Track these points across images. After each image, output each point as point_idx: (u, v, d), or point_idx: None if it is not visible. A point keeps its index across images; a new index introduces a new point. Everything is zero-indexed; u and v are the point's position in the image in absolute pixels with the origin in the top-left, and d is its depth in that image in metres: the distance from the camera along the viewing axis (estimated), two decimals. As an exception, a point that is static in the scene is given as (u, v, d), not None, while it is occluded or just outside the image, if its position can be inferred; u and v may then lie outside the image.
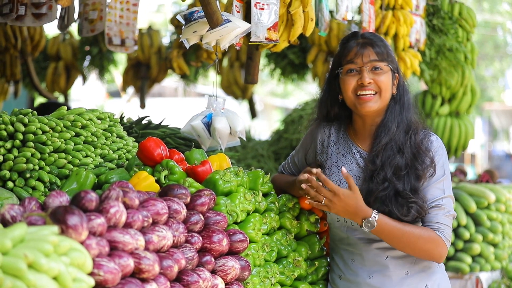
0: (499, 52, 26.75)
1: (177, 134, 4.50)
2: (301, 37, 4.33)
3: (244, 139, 4.12)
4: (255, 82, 4.39)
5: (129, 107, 15.40)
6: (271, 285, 3.17)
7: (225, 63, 9.00)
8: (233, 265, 2.89)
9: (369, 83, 3.22)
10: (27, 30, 7.48)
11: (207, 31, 3.61)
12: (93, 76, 9.28)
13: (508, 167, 25.77)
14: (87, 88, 13.12)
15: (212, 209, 3.02)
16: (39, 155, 3.35)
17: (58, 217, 2.27)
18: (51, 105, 7.32)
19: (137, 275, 2.45)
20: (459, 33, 6.33)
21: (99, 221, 2.38)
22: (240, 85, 8.98)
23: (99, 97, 21.37)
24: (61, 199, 2.51)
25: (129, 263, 2.39)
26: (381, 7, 5.29)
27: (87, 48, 8.39)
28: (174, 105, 22.04)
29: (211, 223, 2.94)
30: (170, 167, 3.23)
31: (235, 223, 3.16)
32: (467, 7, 6.50)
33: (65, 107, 3.71)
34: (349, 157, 3.35)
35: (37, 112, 3.50)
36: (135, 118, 4.78)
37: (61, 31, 5.29)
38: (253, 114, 9.71)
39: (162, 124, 4.71)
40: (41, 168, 3.35)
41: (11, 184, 3.27)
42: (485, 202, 5.97)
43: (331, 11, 5.73)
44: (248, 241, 3.03)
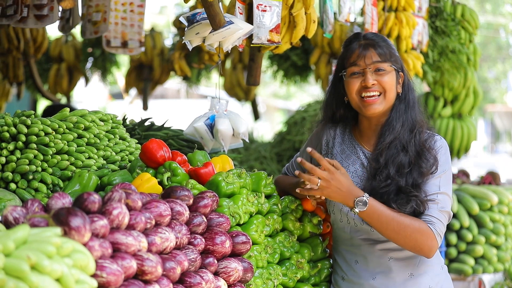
0: (502, 53, 26.75)
1: (179, 135, 4.51)
2: (304, 38, 4.34)
3: (247, 140, 4.12)
4: (258, 83, 4.39)
5: (131, 108, 15.38)
6: (274, 286, 3.17)
7: (228, 65, 9.00)
8: (235, 267, 2.89)
9: (373, 84, 3.22)
10: (30, 31, 7.49)
11: (210, 33, 3.61)
12: (95, 77, 9.28)
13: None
14: (90, 89, 13.14)
15: (214, 211, 3.02)
16: (41, 157, 3.35)
17: (61, 219, 2.27)
18: (58, 107, 7.33)
19: (139, 277, 2.45)
20: (461, 35, 6.33)
21: (102, 223, 2.38)
22: (242, 87, 8.99)
23: (101, 99, 21.36)
24: (63, 201, 2.51)
25: (132, 264, 2.40)
26: (383, 9, 5.29)
27: (90, 49, 8.40)
28: (176, 107, 22.03)
29: (214, 225, 2.94)
30: (172, 169, 3.22)
31: (238, 225, 3.15)
32: (469, 8, 6.50)
33: (68, 109, 3.72)
34: (354, 157, 3.35)
35: (44, 114, 3.51)
36: (137, 119, 4.78)
37: (63, 33, 5.29)
38: (256, 115, 9.71)
39: (164, 125, 4.71)
40: (43, 169, 3.35)
41: (13, 185, 3.27)
42: (488, 204, 5.96)
43: (334, 13, 5.73)
44: (250, 243, 3.03)
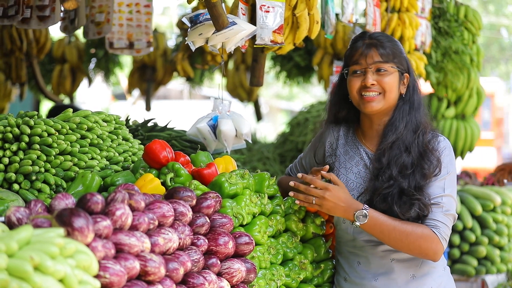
0: (505, 54, 26.72)
1: (182, 136, 4.51)
2: (307, 39, 4.33)
3: (249, 141, 4.12)
4: (261, 84, 4.39)
5: (134, 109, 15.39)
6: (277, 287, 3.17)
7: (231, 65, 9.01)
8: (239, 268, 2.89)
9: (372, 84, 3.21)
10: (33, 32, 7.50)
11: (213, 34, 3.61)
12: (98, 78, 9.29)
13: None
14: (93, 90, 13.15)
15: (218, 212, 3.02)
16: (44, 158, 3.35)
17: (64, 220, 2.27)
18: (62, 108, 7.34)
19: (143, 278, 2.45)
20: (464, 36, 6.32)
21: (105, 224, 2.38)
22: (245, 88, 8.99)
23: (104, 100, 21.36)
24: (67, 202, 2.51)
25: (135, 265, 2.40)
26: (386, 10, 5.28)
27: (93, 50, 8.41)
28: (179, 108, 22.03)
29: (217, 226, 2.94)
30: (176, 170, 3.22)
31: (241, 225, 3.15)
32: (472, 9, 6.49)
33: (71, 110, 3.72)
34: (357, 158, 3.34)
35: (49, 115, 3.51)
36: (140, 120, 4.78)
37: (66, 34, 5.30)
38: (259, 116, 9.71)
39: (167, 126, 4.71)
40: (46, 170, 3.35)
41: (16, 186, 3.27)
42: (491, 204, 5.96)
43: (337, 14, 5.73)
44: (254, 244, 3.03)
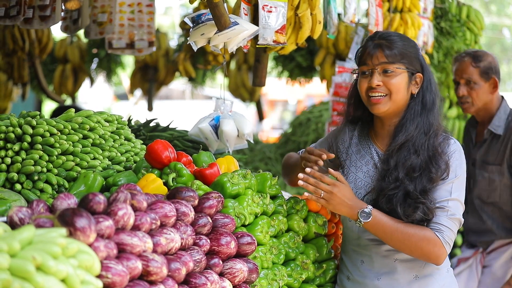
0: (507, 55, 26.69)
1: (184, 136, 4.51)
2: (309, 39, 4.34)
3: (251, 141, 4.12)
4: (264, 84, 4.39)
5: (136, 109, 15.42)
6: (279, 287, 3.17)
7: (233, 65, 9.01)
8: (241, 268, 2.89)
9: (378, 85, 3.19)
10: (35, 32, 7.50)
11: (215, 34, 3.61)
12: (100, 78, 9.30)
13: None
14: (95, 90, 13.15)
15: (220, 212, 3.02)
16: (47, 158, 3.35)
17: (66, 220, 2.27)
18: (66, 109, 7.36)
19: (145, 278, 2.45)
20: (467, 36, 6.32)
21: (107, 224, 2.38)
22: (247, 88, 8.99)
23: (106, 100, 21.38)
24: (69, 202, 2.51)
25: (137, 265, 2.40)
26: (389, 10, 5.28)
27: (95, 50, 8.43)
28: (181, 108, 22.04)
29: (219, 226, 2.94)
30: (178, 170, 3.22)
31: (243, 225, 3.15)
32: (474, 9, 6.49)
33: (73, 110, 3.72)
34: (367, 157, 3.32)
35: (53, 116, 3.51)
36: (142, 120, 4.79)
37: (67, 34, 5.30)
38: (261, 116, 9.71)
39: (169, 126, 4.71)
40: (49, 170, 3.35)
41: (19, 186, 3.27)
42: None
43: (339, 14, 5.73)
44: (256, 244, 3.02)
